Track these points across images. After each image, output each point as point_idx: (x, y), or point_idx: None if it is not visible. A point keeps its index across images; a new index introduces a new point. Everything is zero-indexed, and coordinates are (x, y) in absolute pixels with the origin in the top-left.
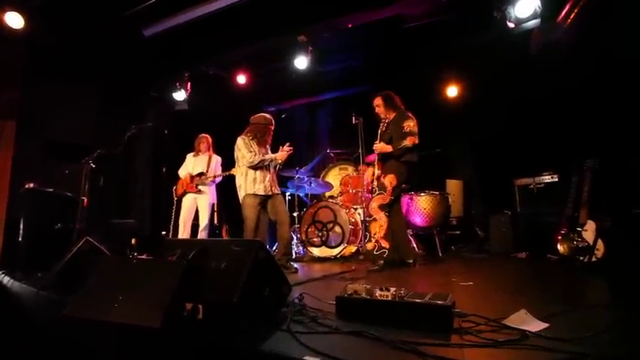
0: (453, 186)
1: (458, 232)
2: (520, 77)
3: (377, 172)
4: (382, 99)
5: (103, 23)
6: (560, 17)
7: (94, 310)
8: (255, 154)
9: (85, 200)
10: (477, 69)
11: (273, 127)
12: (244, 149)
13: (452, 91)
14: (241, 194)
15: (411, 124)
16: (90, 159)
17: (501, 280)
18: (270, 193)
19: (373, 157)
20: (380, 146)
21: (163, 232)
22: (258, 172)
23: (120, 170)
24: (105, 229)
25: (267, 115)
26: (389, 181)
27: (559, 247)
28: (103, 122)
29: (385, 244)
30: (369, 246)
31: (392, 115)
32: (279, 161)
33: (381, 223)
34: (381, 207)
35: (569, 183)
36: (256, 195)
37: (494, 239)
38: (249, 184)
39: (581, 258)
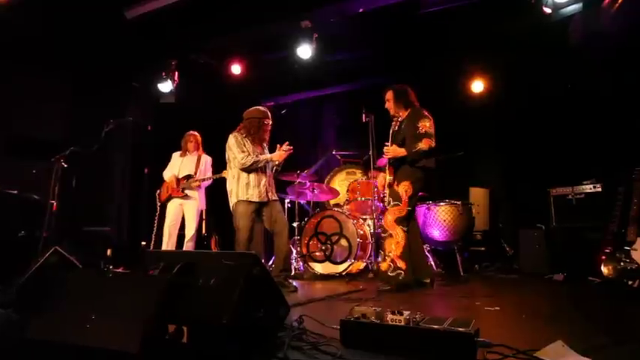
0: (478, 195)
1: (482, 249)
2: (557, 71)
3: (388, 178)
4: (393, 93)
5: (79, 2)
6: (606, 1)
7: (62, 332)
8: (248, 155)
9: (55, 204)
10: (506, 61)
11: (269, 122)
12: (235, 148)
13: (477, 85)
14: (232, 200)
15: (427, 125)
16: (61, 157)
17: (534, 306)
18: (265, 199)
19: (385, 161)
20: (392, 150)
21: (144, 243)
22: (252, 176)
23: (95, 171)
24: (76, 238)
25: (262, 108)
26: (403, 189)
27: (603, 268)
28: (77, 116)
29: (401, 264)
30: (384, 266)
31: (404, 113)
32: (277, 162)
33: (397, 240)
34: (398, 221)
35: (615, 194)
36: (250, 202)
37: (525, 257)
38: (242, 188)
39: (630, 282)
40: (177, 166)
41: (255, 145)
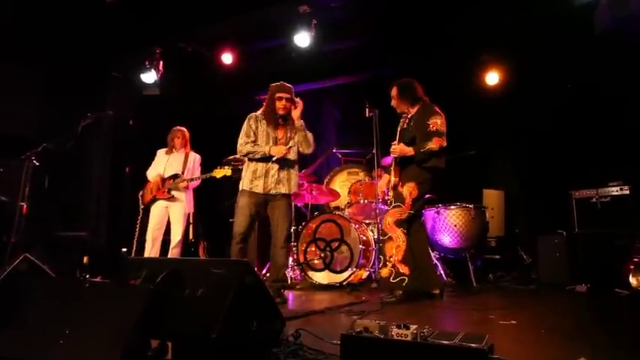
0: (492, 197)
1: (497, 257)
2: (580, 62)
3: (393, 180)
4: (397, 89)
5: None
6: None
7: (33, 348)
8: (247, 142)
9: (25, 207)
10: (524, 51)
11: (282, 95)
12: (242, 132)
13: (492, 77)
14: (240, 187)
15: (438, 122)
16: (32, 155)
17: (554, 320)
18: (271, 192)
19: (390, 160)
20: (399, 148)
21: (124, 249)
22: (260, 163)
23: (70, 170)
24: (49, 244)
25: (279, 83)
26: (408, 191)
27: (631, 279)
28: (50, 109)
29: (404, 269)
30: (385, 272)
31: (413, 109)
32: (275, 157)
33: (398, 243)
34: (398, 223)
35: None
36: (252, 192)
37: (544, 267)
38: (248, 176)
39: None
40: (163, 164)
41: (270, 126)
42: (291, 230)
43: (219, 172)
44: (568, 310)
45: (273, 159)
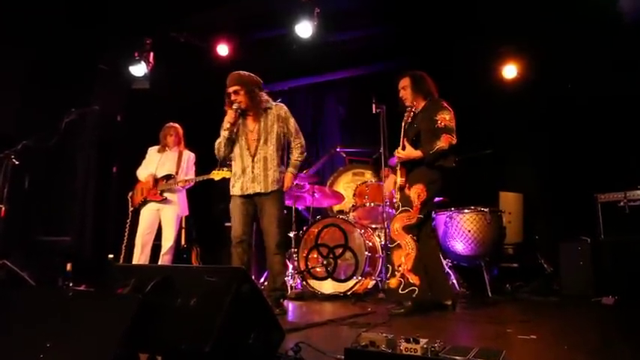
0: (510, 201)
1: (515, 265)
2: (607, 52)
3: (400, 180)
4: (410, 80)
5: None
6: None
7: None
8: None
9: (3, 209)
10: (545, 41)
11: (229, 90)
12: None
13: (509, 70)
14: None
15: (446, 118)
16: (11, 153)
17: (577, 335)
18: (250, 192)
19: (396, 160)
20: (406, 153)
21: (111, 255)
22: (236, 163)
23: (53, 169)
24: (29, 250)
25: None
26: (416, 193)
27: None
28: (31, 104)
29: (414, 279)
30: (393, 283)
31: (421, 104)
32: (227, 126)
33: (407, 251)
34: (407, 229)
35: None
36: (233, 196)
37: (567, 276)
38: (231, 180)
39: None
40: (155, 163)
41: (242, 121)
42: (291, 234)
43: (218, 174)
44: (593, 324)
45: (227, 128)
